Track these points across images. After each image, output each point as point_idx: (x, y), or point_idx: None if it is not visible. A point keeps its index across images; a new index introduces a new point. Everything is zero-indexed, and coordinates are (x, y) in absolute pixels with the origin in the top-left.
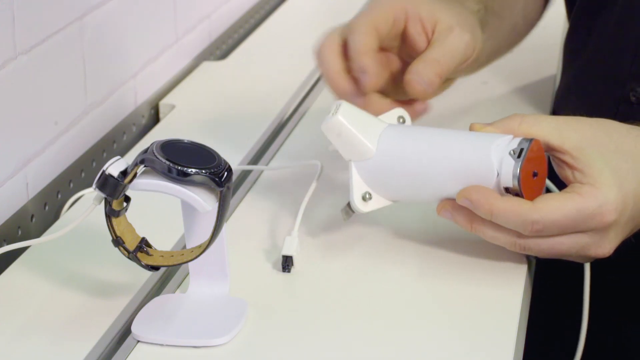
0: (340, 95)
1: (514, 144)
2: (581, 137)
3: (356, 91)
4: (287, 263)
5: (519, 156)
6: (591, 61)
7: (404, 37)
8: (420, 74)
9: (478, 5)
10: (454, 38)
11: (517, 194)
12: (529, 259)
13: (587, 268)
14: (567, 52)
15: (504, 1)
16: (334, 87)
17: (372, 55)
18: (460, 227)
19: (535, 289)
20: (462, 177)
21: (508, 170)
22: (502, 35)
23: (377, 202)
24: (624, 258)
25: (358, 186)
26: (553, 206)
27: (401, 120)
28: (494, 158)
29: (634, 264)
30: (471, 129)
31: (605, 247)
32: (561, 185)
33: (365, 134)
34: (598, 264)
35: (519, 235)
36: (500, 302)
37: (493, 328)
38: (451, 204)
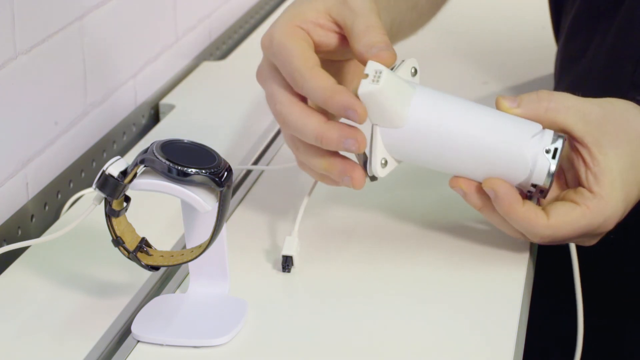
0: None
1: (548, 139)
2: (603, 133)
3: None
4: (287, 263)
5: (553, 157)
6: (589, 70)
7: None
8: (374, 44)
9: None
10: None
11: (542, 190)
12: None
13: (576, 266)
14: (564, 59)
15: None
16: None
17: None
18: (457, 224)
19: (536, 287)
20: (492, 165)
21: (542, 171)
22: (400, 13)
23: (391, 165)
24: (618, 256)
25: (379, 152)
26: (565, 222)
27: (413, 70)
28: (528, 155)
29: (627, 261)
30: (497, 106)
31: (601, 236)
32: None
33: (400, 103)
34: (596, 262)
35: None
36: (502, 289)
37: (496, 316)
38: (467, 184)
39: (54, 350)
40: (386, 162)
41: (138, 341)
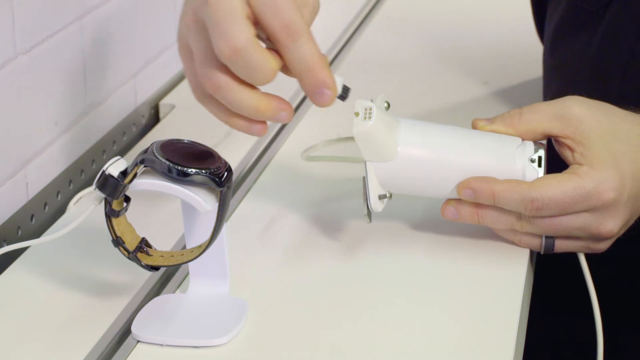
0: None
1: (530, 149)
2: (580, 120)
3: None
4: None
5: (539, 165)
6: (575, 81)
7: None
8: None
9: None
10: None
11: None
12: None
13: (585, 266)
14: (548, 67)
15: None
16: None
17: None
18: (456, 226)
19: (537, 290)
20: None
21: (532, 180)
22: None
23: (386, 199)
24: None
25: (376, 188)
26: (551, 185)
27: (386, 104)
28: (517, 168)
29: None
30: (474, 126)
31: (608, 224)
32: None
33: (390, 136)
34: (600, 269)
35: (522, 217)
36: (502, 291)
37: (496, 317)
38: (455, 202)
39: (54, 350)
40: (382, 196)
41: (138, 341)
